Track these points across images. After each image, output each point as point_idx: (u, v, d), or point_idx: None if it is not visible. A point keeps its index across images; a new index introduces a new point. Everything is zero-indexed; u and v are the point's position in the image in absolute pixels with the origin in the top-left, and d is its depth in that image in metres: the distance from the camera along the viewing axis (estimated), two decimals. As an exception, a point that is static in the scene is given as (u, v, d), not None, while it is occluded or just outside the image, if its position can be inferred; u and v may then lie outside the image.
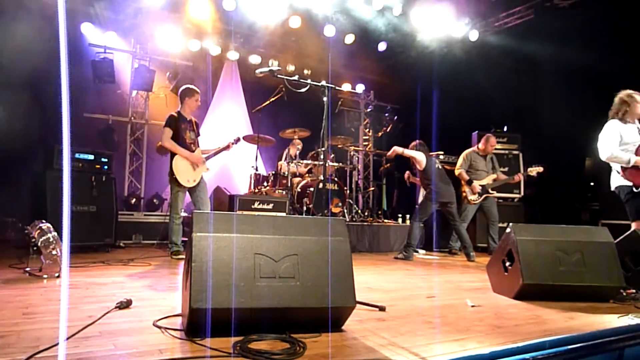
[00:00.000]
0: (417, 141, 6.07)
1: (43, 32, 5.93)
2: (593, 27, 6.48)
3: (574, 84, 6.72)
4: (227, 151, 5.35)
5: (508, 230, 3.28)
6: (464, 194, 6.31)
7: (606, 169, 4.29)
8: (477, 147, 6.54)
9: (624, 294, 3.20)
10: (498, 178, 6.36)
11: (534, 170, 6.13)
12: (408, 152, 5.89)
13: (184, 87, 5.14)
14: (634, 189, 3.98)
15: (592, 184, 6.86)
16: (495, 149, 6.79)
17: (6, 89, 5.85)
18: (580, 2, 7.01)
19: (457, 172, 6.34)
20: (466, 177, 6.27)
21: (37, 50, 6.06)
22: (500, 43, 8.11)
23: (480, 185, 6.24)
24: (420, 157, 5.84)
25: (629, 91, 4.17)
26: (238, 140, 5.44)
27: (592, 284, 3.11)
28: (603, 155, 4.07)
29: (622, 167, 4.04)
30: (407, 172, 6.98)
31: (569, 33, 6.76)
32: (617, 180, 4.13)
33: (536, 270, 3.08)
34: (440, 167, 5.98)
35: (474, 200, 6.24)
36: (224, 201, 6.08)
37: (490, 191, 6.28)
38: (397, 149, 5.91)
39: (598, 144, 4.12)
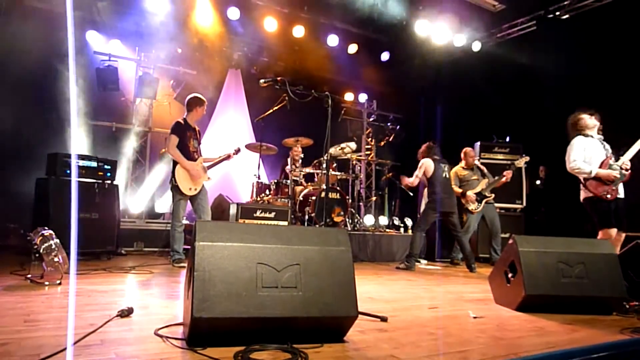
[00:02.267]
0: (427, 143, 6.01)
1: (47, 39, 5.99)
2: (594, 39, 6.52)
3: (576, 94, 6.73)
4: (228, 161, 5.37)
5: (510, 241, 3.28)
6: (465, 206, 6.32)
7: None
8: (461, 163, 6.61)
9: (627, 306, 3.19)
10: (489, 181, 6.37)
11: (522, 162, 6.27)
12: (416, 174, 5.85)
13: (193, 95, 5.13)
14: (593, 199, 4.29)
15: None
16: (498, 159, 6.79)
17: (10, 95, 5.89)
18: (581, 14, 7.06)
19: None
20: (459, 190, 6.34)
21: (41, 57, 6.12)
22: (502, 54, 8.15)
23: (474, 193, 6.27)
24: (427, 168, 5.81)
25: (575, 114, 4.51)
26: (238, 150, 5.45)
27: (594, 296, 3.10)
28: (568, 166, 4.37)
29: (584, 178, 4.33)
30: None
31: (571, 44, 6.79)
32: (582, 193, 4.44)
33: (539, 282, 3.07)
34: (447, 176, 5.94)
35: (475, 209, 6.27)
36: (226, 209, 6.08)
37: (488, 194, 6.31)
38: (406, 181, 5.89)
39: (566, 157, 4.43)
